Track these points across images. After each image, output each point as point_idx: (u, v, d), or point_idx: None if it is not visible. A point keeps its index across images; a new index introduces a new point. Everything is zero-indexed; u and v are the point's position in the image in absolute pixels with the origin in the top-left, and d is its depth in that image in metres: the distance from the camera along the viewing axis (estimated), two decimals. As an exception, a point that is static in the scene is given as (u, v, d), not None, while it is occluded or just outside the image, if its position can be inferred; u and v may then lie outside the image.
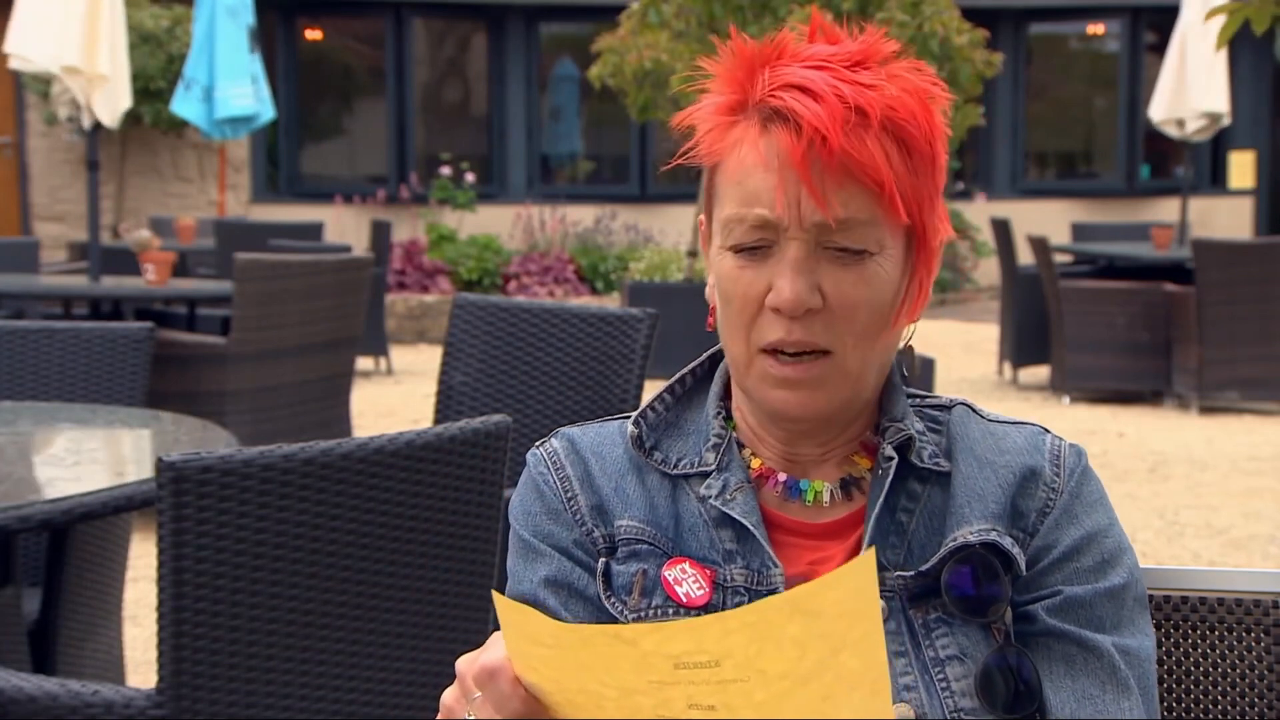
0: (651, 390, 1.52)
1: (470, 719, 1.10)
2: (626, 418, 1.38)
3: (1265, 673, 1.48)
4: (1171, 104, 10.19)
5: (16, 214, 13.59)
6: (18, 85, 12.77)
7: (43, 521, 2.47)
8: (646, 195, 14.73)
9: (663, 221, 14.29)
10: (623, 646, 0.98)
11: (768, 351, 1.28)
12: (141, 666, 4.25)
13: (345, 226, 13.57)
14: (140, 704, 2.15)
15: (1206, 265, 8.43)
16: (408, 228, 13.92)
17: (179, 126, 12.33)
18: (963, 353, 11.13)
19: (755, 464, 1.35)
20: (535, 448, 1.38)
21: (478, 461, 2.35)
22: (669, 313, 4.51)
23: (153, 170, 13.59)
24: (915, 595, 1.29)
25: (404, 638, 2.33)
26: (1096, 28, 16.04)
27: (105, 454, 3.20)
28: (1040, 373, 9.70)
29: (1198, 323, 8.44)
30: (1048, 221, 13.29)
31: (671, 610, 1.29)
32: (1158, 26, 14.91)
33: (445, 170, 14.10)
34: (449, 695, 1.13)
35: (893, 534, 1.31)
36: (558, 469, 1.36)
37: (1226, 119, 10.35)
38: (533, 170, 14.83)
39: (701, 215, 1.36)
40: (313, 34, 14.84)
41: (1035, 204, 15.12)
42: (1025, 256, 9.93)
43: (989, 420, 1.37)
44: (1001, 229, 9.72)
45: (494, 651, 1.08)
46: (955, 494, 1.32)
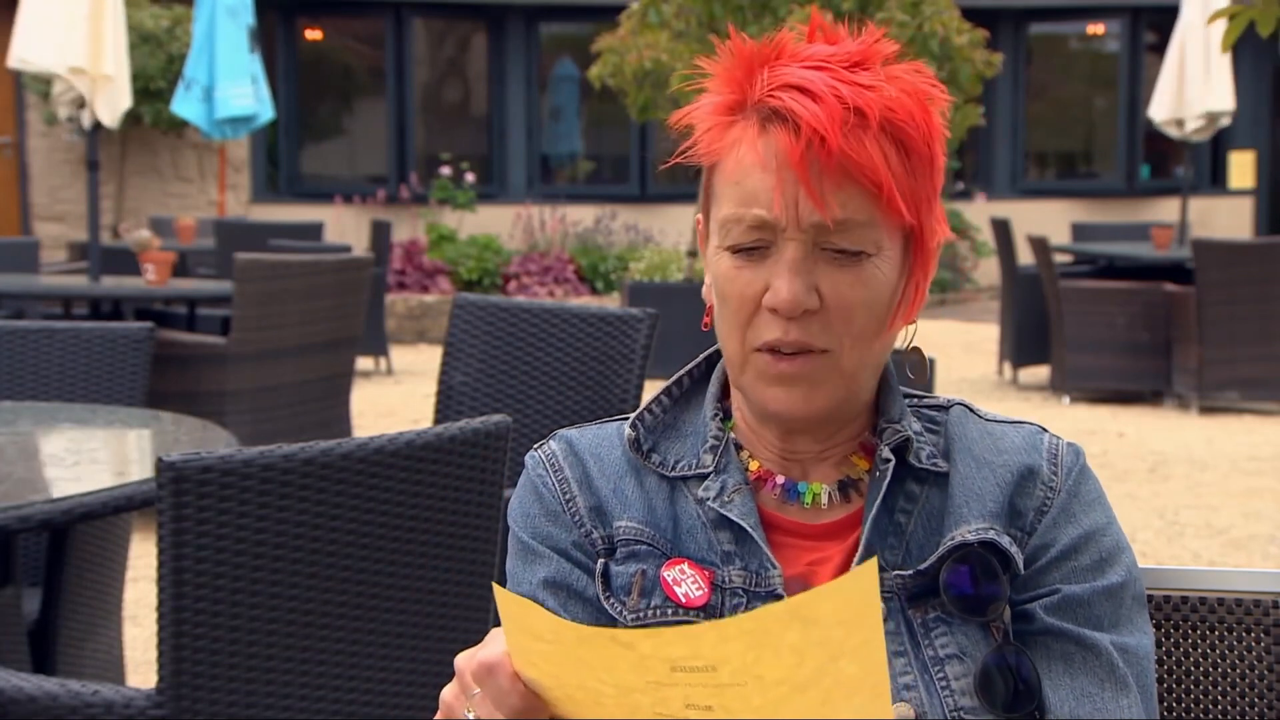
0: (651, 390, 1.52)
1: (470, 716, 1.10)
2: (625, 419, 1.38)
3: (1265, 673, 1.48)
4: (1172, 104, 10.19)
5: (16, 214, 13.59)
6: (18, 85, 12.77)
7: (43, 521, 2.48)
8: (646, 195, 14.73)
9: (663, 221, 14.29)
10: (620, 648, 0.98)
11: (763, 350, 1.28)
12: (141, 666, 4.25)
13: (345, 226, 13.57)
14: (140, 704, 2.15)
15: (1206, 265, 8.44)
16: (408, 228, 13.92)
17: (179, 126, 12.33)
18: (963, 353, 11.13)
19: (753, 466, 1.35)
20: (534, 450, 1.38)
21: (478, 461, 2.35)
22: (669, 313, 4.50)
23: (153, 170, 13.59)
24: (914, 595, 1.29)
25: (404, 638, 2.33)
26: (1096, 28, 16.04)
27: (105, 454, 3.20)
28: (1040, 373, 9.69)
29: (1198, 323, 8.44)
30: (1048, 221, 13.29)
31: (670, 611, 1.29)
32: (1158, 26, 14.91)
33: (445, 170, 14.09)
34: (448, 692, 1.13)
35: (891, 535, 1.31)
36: (556, 471, 1.36)
37: (1229, 118, 10.34)
38: (533, 170, 14.83)
39: (699, 215, 1.36)
40: (313, 34, 14.83)
41: (1035, 204, 15.12)
42: (1025, 256, 9.93)
43: (987, 420, 1.37)
44: (1001, 229, 9.72)
45: (492, 647, 1.08)
46: (953, 494, 1.32)
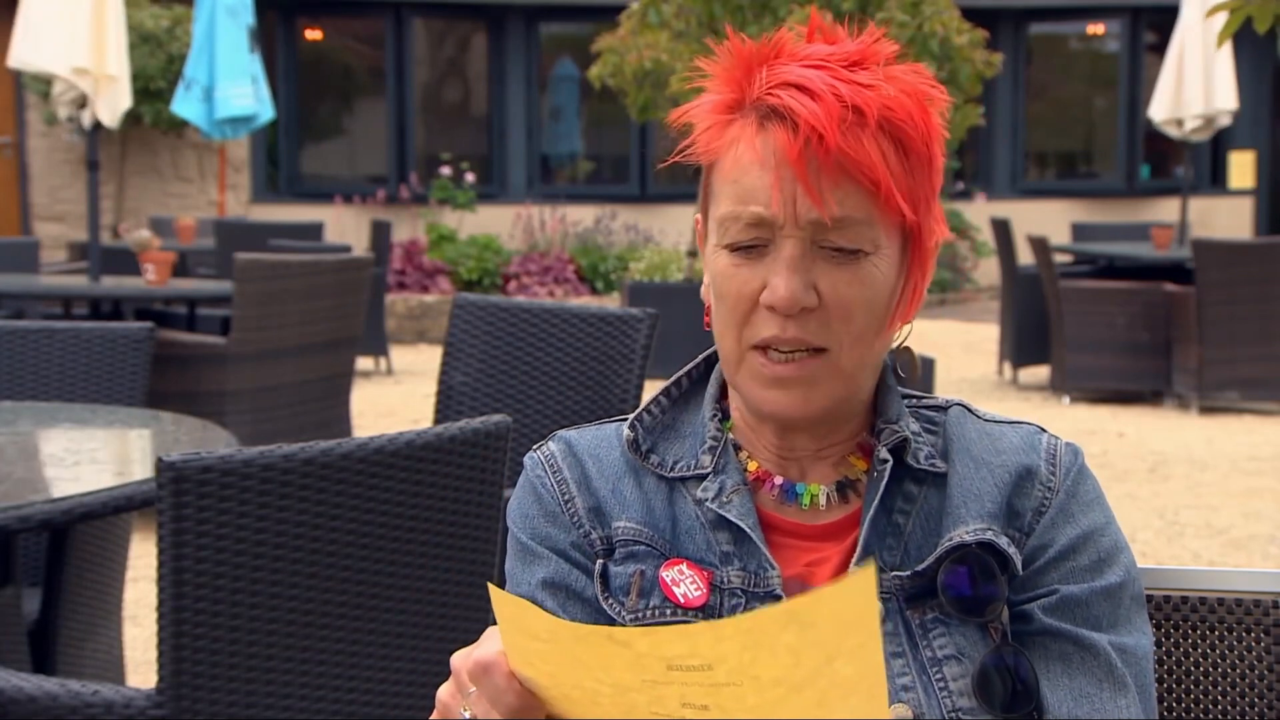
0: (651, 390, 1.52)
1: (466, 715, 1.10)
2: (624, 420, 1.38)
3: (1265, 673, 1.48)
4: (1172, 104, 10.19)
5: (16, 214, 13.59)
6: (18, 85, 12.77)
7: (43, 521, 2.48)
8: (646, 195, 14.73)
9: (663, 221, 14.29)
10: (616, 647, 0.98)
11: (759, 349, 1.28)
12: (141, 666, 4.25)
13: (345, 226, 13.57)
14: (140, 704, 2.15)
15: (1206, 265, 8.43)
16: (408, 228, 13.92)
17: (179, 126, 12.33)
18: (963, 353, 11.13)
19: (752, 466, 1.35)
20: (532, 451, 1.38)
21: (478, 461, 2.35)
22: (669, 313, 4.51)
23: (153, 170, 13.59)
24: (912, 596, 1.29)
25: (404, 638, 2.33)
26: (1096, 28, 16.04)
27: (105, 454, 3.20)
28: (1040, 373, 9.69)
29: (1198, 323, 8.44)
30: (1048, 221, 13.29)
31: (669, 611, 1.29)
32: (1158, 26, 14.91)
33: (445, 170, 14.09)
34: (444, 691, 1.13)
35: (889, 535, 1.31)
36: (555, 472, 1.36)
37: (1229, 117, 10.34)
38: (533, 170, 14.83)
39: (699, 214, 1.36)
40: (313, 34, 14.83)
41: (1035, 204, 15.12)
42: (1025, 256, 9.93)
43: (985, 420, 1.37)
44: (1001, 229, 9.72)
45: (488, 646, 1.08)
46: (951, 494, 1.31)
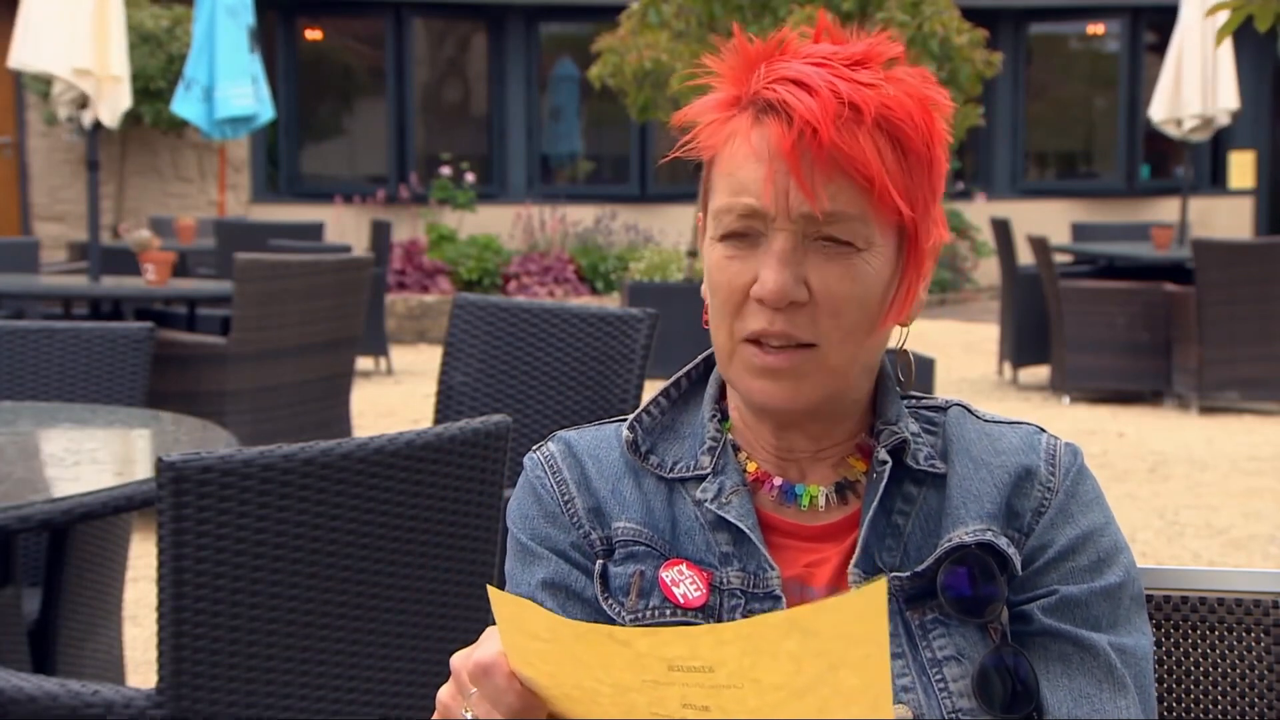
0: (651, 390, 1.52)
1: (467, 716, 1.10)
2: (623, 420, 1.38)
3: (1265, 673, 1.48)
4: (1171, 104, 10.19)
5: (16, 214, 13.59)
6: (18, 85, 12.77)
7: (43, 521, 2.48)
8: (646, 195, 14.73)
9: (663, 221, 14.29)
10: (616, 646, 0.98)
11: (750, 341, 1.28)
12: (141, 666, 4.25)
13: (345, 226, 13.57)
14: (140, 704, 2.15)
15: (1206, 265, 8.43)
16: (408, 228, 13.92)
17: (179, 126, 12.33)
18: (963, 353, 11.13)
19: (751, 467, 1.35)
20: (532, 451, 1.38)
21: (478, 461, 2.35)
22: (669, 313, 4.51)
23: (153, 170, 13.59)
24: (912, 596, 1.29)
25: (404, 638, 2.33)
26: (1096, 28, 16.04)
27: (105, 454, 3.20)
28: (1040, 373, 9.69)
29: (1198, 323, 8.44)
30: (1048, 221, 13.29)
31: (669, 611, 1.29)
32: (1158, 26, 14.91)
33: (445, 170, 14.10)
34: (444, 693, 1.13)
35: (889, 536, 1.31)
36: (554, 472, 1.36)
37: (1229, 117, 10.33)
38: (533, 170, 14.83)
39: (699, 213, 1.36)
40: (313, 34, 14.83)
41: (1035, 204, 15.12)
42: (1025, 256, 9.93)
43: (985, 420, 1.37)
44: (1001, 229, 9.72)
45: (488, 647, 1.08)
46: (951, 495, 1.31)
